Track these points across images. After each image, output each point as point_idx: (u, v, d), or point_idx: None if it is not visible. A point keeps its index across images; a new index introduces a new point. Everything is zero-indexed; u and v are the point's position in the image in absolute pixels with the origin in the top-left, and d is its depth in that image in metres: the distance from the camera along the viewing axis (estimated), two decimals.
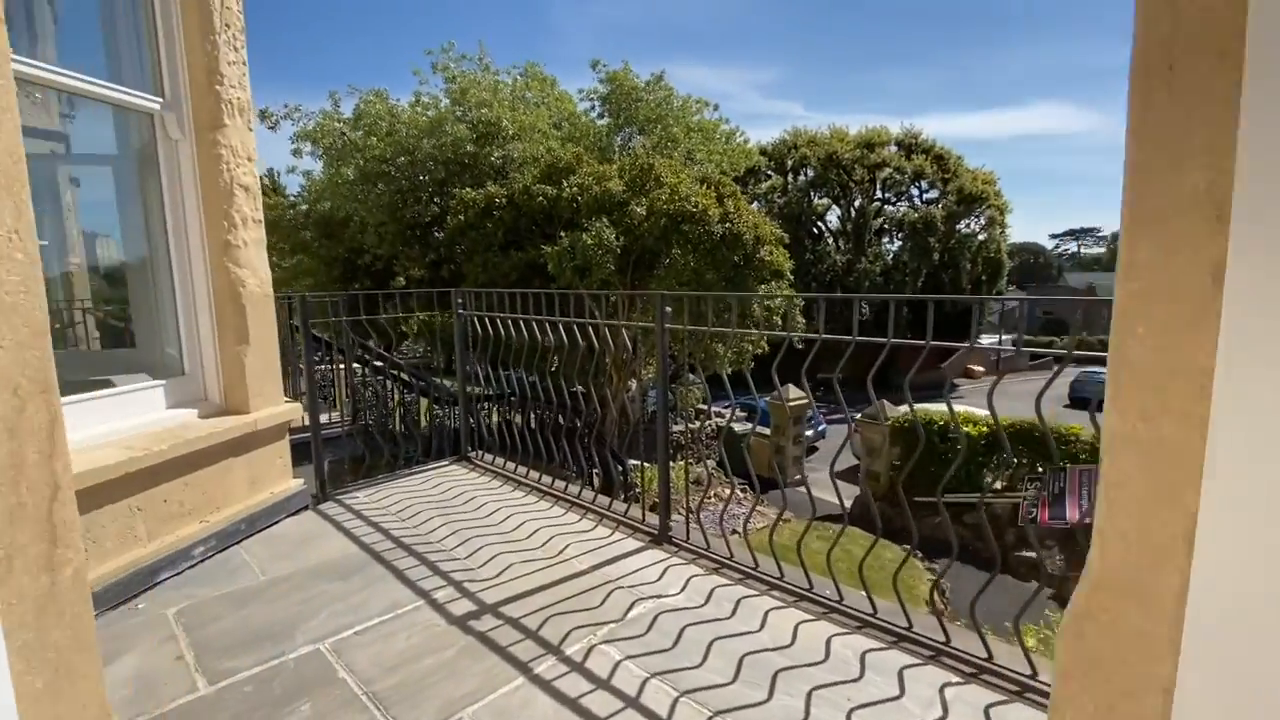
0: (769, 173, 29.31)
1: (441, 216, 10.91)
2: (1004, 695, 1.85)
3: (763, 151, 26.57)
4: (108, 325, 3.86)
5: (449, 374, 4.37)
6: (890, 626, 2.18)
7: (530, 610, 2.36)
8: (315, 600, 2.46)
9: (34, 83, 2.50)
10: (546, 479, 3.75)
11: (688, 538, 2.91)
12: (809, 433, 18.51)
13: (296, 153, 12.80)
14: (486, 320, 3.93)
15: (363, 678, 1.97)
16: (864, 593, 2.34)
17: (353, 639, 2.19)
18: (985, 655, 1.97)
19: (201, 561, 2.82)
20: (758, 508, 11.18)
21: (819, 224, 30.65)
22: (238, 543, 3.02)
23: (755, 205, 29.23)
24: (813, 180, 29.40)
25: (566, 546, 2.92)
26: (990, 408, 2.06)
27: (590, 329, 3.23)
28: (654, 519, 3.06)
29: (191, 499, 2.88)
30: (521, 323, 3.64)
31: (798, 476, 16.40)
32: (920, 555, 9.14)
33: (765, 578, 2.55)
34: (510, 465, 4.03)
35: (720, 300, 4.46)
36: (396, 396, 7.08)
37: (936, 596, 8.79)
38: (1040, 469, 10.00)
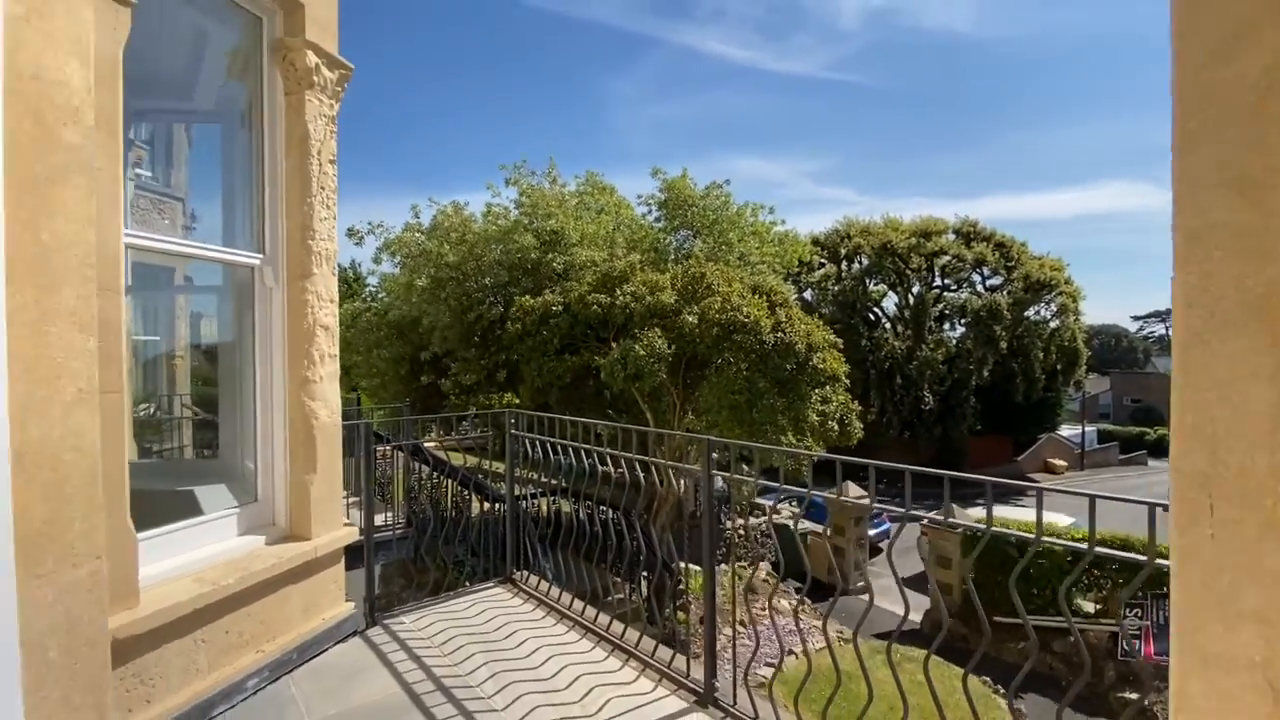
0: (822, 261, 29.55)
1: (503, 318, 11.55)
2: None
3: (815, 241, 26.93)
4: (208, 441, 4.28)
5: (500, 456, 4.56)
6: None
7: None
8: None
9: (158, 252, 2.89)
10: (590, 611, 3.68)
11: (734, 700, 2.76)
12: (872, 531, 17.50)
13: (377, 260, 14.14)
14: (537, 443, 4.04)
15: None
16: None
17: None
18: None
19: (254, 694, 2.87)
20: (815, 623, 10.49)
21: (875, 310, 30.28)
22: (288, 672, 3.07)
23: (809, 293, 29.33)
24: (867, 268, 29.37)
25: (607, 702, 2.82)
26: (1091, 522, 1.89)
27: (636, 462, 3.26)
28: (699, 673, 2.93)
29: (251, 628, 2.97)
30: (569, 449, 3.72)
31: (860, 584, 15.39)
32: (1001, 691, 8.20)
33: None
34: (554, 593, 3.99)
35: (766, 445, 4.06)
36: (450, 496, 7.25)
37: None
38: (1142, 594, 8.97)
